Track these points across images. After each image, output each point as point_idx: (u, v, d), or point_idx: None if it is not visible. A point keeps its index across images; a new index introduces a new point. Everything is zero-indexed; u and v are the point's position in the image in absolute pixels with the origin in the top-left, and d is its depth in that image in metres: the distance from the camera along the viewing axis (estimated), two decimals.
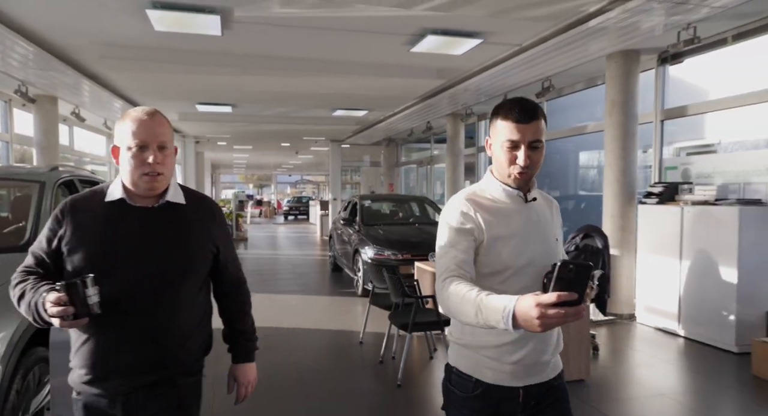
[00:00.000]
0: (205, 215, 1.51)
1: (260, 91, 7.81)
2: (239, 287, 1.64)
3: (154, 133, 1.36)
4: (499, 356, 1.38)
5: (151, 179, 1.36)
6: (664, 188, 5.36)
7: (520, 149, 1.35)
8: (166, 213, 1.43)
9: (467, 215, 1.37)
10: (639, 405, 3.40)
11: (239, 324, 1.63)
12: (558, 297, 1.00)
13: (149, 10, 4.17)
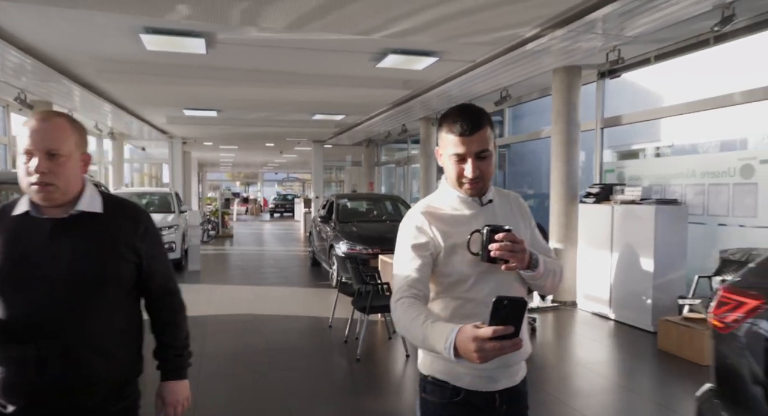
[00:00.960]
0: (126, 223, 1.40)
1: (243, 99, 8.41)
2: (169, 297, 1.53)
3: (43, 138, 1.25)
4: (473, 363, 1.36)
5: (40, 188, 1.26)
6: (601, 189, 6.06)
7: (467, 161, 1.32)
8: (77, 223, 1.32)
9: (422, 230, 1.36)
10: (556, 372, 4.10)
11: (168, 337, 1.51)
12: (494, 332, 1.01)
13: (142, 35, 4.76)
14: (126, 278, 1.39)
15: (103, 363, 1.33)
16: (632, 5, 3.86)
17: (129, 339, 1.42)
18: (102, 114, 9.74)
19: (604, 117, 6.61)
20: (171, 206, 9.43)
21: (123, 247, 1.37)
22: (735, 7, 3.95)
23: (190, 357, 1.56)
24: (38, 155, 1.25)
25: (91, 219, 1.34)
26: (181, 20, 4.38)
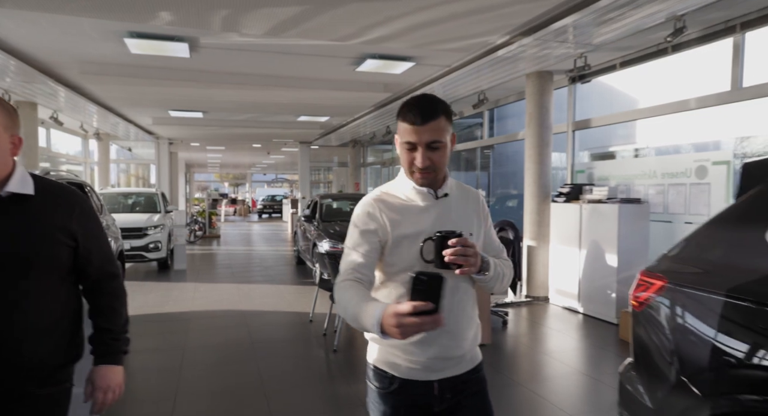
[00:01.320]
0: (61, 206, 1.39)
1: (228, 100, 8.58)
2: (108, 281, 1.50)
3: None
4: (410, 353, 1.37)
5: None
6: (571, 188, 6.34)
7: (418, 150, 1.32)
8: (7, 205, 1.32)
9: (373, 216, 1.37)
10: (522, 360, 4.34)
11: (105, 321, 1.48)
12: (413, 307, 1.02)
13: (126, 39, 4.92)
14: (59, 261, 1.36)
15: (30, 346, 1.30)
16: (591, 17, 4.12)
17: (64, 324, 1.39)
18: (87, 115, 9.83)
19: (575, 120, 6.89)
20: (157, 206, 9.55)
21: (55, 229, 1.35)
22: (686, 19, 4.22)
23: (127, 343, 1.50)
24: None
25: (21, 201, 1.33)
26: (164, 26, 4.56)
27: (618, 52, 5.71)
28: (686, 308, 1.74)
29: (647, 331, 1.89)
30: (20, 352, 1.29)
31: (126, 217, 8.49)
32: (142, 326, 5.31)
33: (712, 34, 4.76)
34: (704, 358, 1.61)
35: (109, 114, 9.72)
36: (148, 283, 7.84)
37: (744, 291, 1.55)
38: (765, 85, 4.43)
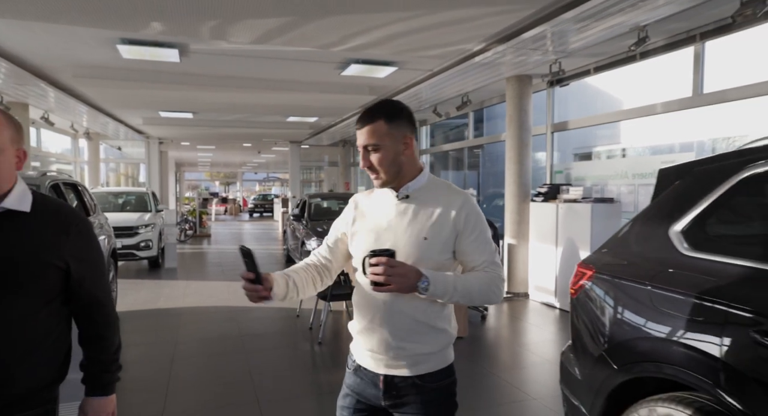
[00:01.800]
0: (56, 226, 1.33)
1: (217, 102, 8.77)
2: (97, 308, 1.43)
3: None
4: (358, 341, 1.50)
5: None
6: (549, 188, 6.61)
7: (361, 152, 1.43)
8: (1, 222, 1.27)
9: (347, 212, 1.54)
10: (496, 352, 4.60)
11: (95, 351, 1.43)
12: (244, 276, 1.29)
13: (119, 45, 5.12)
14: (48, 282, 1.31)
15: (12, 369, 1.26)
16: (558, 27, 4.38)
17: (46, 344, 1.33)
18: (78, 115, 9.97)
19: (554, 122, 7.17)
20: (148, 206, 9.72)
21: (46, 251, 1.30)
22: (648, 30, 4.50)
23: (118, 371, 1.46)
24: None
25: (16, 218, 1.28)
26: (155, 34, 4.76)
27: (592, 58, 5.99)
28: (606, 294, 2.00)
29: (579, 315, 2.15)
30: (2, 373, 1.25)
31: (117, 216, 8.64)
32: (135, 321, 5.51)
33: (675, 43, 5.05)
34: (618, 335, 1.87)
35: (99, 114, 9.86)
36: (140, 281, 8.02)
37: (647, 278, 1.81)
38: (724, 91, 4.72)
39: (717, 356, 1.49)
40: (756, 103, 4.47)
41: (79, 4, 3.98)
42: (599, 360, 1.96)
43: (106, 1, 3.90)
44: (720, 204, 1.75)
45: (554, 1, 4.01)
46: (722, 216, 1.77)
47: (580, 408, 2.09)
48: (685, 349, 1.59)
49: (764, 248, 1.54)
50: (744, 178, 1.67)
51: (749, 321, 1.43)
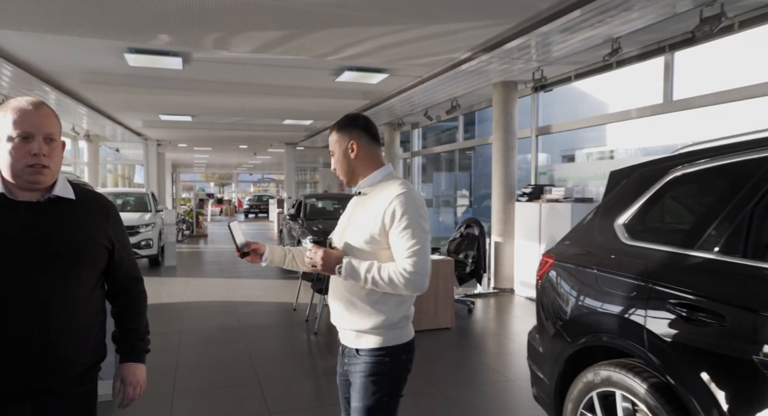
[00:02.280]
0: (98, 211, 1.46)
1: (216, 106, 9.07)
2: (135, 285, 1.58)
3: (41, 124, 1.30)
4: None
5: (35, 171, 1.30)
6: (533, 189, 6.96)
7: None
8: (53, 208, 1.36)
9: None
10: (479, 341, 4.94)
11: (132, 322, 1.56)
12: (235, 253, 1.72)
13: (126, 54, 5.42)
14: (99, 262, 1.43)
15: (75, 345, 1.35)
16: (537, 39, 4.73)
17: (99, 323, 1.45)
18: (77, 117, 10.23)
19: (538, 126, 7.52)
20: (148, 206, 10.00)
21: (96, 232, 1.42)
22: (621, 41, 4.85)
23: (149, 343, 1.60)
24: (39, 138, 1.30)
25: (64, 205, 1.38)
26: (162, 45, 5.07)
27: (573, 65, 6.35)
28: (563, 278, 2.33)
29: (542, 299, 2.48)
30: (68, 351, 1.34)
31: None
32: None
33: (647, 53, 5.41)
34: (570, 313, 2.21)
35: (98, 116, 10.11)
36: None
37: (594, 263, 2.15)
38: (691, 98, 5.09)
39: (642, 324, 1.82)
40: (726, 108, 4.83)
41: (93, 19, 4.28)
42: (556, 335, 2.29)
43: (118, 15, 4.21)
44: (653, 201, 2.08)
45: (533, 16, 4.35)
46: (654, 211, 2.11)
47: (543, 379, 2.42)
48: (620, 320, 1.93)
49: (681, 237, 1.88)
50: (669, 179, 2.01)
51: (667, 295, 1.77)
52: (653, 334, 1.78)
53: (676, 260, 1.81)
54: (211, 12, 4.13)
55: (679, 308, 1.71)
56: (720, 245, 1.68)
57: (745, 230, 1.61)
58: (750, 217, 1.62)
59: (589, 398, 2.08)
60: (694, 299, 1.66)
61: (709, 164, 1.86)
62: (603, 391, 2.02)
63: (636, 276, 1.91)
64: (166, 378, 3.83)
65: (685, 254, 1.79)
